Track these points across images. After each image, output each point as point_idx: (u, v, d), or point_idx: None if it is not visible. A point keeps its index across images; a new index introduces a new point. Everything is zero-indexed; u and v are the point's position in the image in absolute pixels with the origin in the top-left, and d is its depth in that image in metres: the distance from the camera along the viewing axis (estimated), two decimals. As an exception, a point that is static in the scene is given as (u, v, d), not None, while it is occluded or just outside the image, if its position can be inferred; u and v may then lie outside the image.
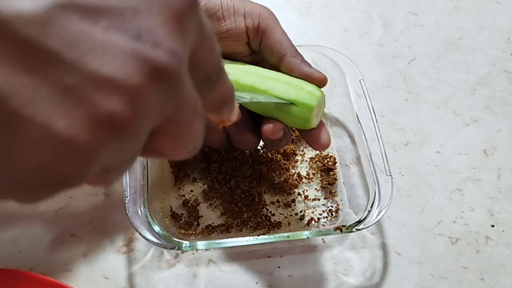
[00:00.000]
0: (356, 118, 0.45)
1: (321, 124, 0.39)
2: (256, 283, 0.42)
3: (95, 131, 0.15)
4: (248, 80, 0.36)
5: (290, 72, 0.37)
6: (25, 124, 0.14)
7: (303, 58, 0.38)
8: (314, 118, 0.36)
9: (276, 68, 0.38)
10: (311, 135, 0.38)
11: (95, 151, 0.15)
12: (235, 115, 0.25)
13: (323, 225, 0.44)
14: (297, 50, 0.38)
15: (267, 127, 0.37)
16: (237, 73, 0.37)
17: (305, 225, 0.44)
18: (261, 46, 0.38)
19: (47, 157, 0.14)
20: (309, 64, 0.38)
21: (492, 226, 0.46)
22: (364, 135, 0.44)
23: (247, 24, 0.37)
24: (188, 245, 0.38)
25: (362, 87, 0.45)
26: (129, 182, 0.39)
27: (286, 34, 0.38)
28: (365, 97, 0.45)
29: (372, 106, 0.44)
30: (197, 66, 0.19)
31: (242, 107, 0.37)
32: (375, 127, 0.43)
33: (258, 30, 0.37)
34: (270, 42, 0.37)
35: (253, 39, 0.38)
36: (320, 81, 0.37)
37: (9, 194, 0.15)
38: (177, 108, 0.17)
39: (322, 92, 0.37)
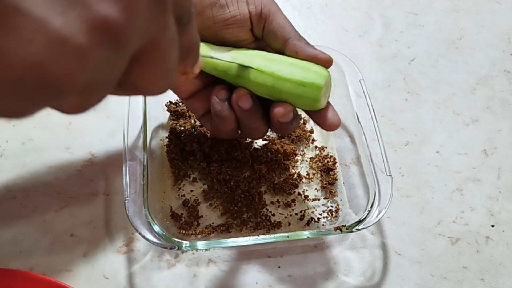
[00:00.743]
0: (356, 118, 0.45)
1: (328, 105, 0.39)
2: (256, 283, 0.42)
3: (90, 33, 0.15)
4: (254, 63, 0.36)
5: (296, 55, 0.37)
6: (22, 18, 0.14)
7: (307, 41, 0.38)
8: (323, 98, 0.37)
9: (280, 54, 0.38)
10: (320, 116, 0.38)
11: (88, 54, 0.15)
12: (198, 67, 0.27)
13: (323, 225, 0.44)
14: (300, 34, 0.38)
15: (278, 110, 0.37)
16: (243, 57, 0.37)
17: (305, 225, 0.44)
18: (264, 32, 0.38)
19: (42, 55, 0.15)
20: (314, 46, 0.38)
21: (492, 226, 0.46)
22: (364, 135, 0.44)
23: (250, 10, 0.37)
24: (188, 245, 0.38)
25: (362, 87, 0.45)
26: (129, 182, 0.39)
27: (288, 20, 0.38)
28: (365, 97, 0.45)
29: (372, 106, 0.44)
30: (174, 2, 0.20)
31: (251, 94, 0.37)
32: (375, 127, 0.43)
33: (261, 16, 0.37)
34: (273, 27, 0.37)
35: (256, 25, 0.38)
36: (326, 62, 0.37)
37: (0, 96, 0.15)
38: (161, 30, 0.19)
39: (328, 72, 0.37)
